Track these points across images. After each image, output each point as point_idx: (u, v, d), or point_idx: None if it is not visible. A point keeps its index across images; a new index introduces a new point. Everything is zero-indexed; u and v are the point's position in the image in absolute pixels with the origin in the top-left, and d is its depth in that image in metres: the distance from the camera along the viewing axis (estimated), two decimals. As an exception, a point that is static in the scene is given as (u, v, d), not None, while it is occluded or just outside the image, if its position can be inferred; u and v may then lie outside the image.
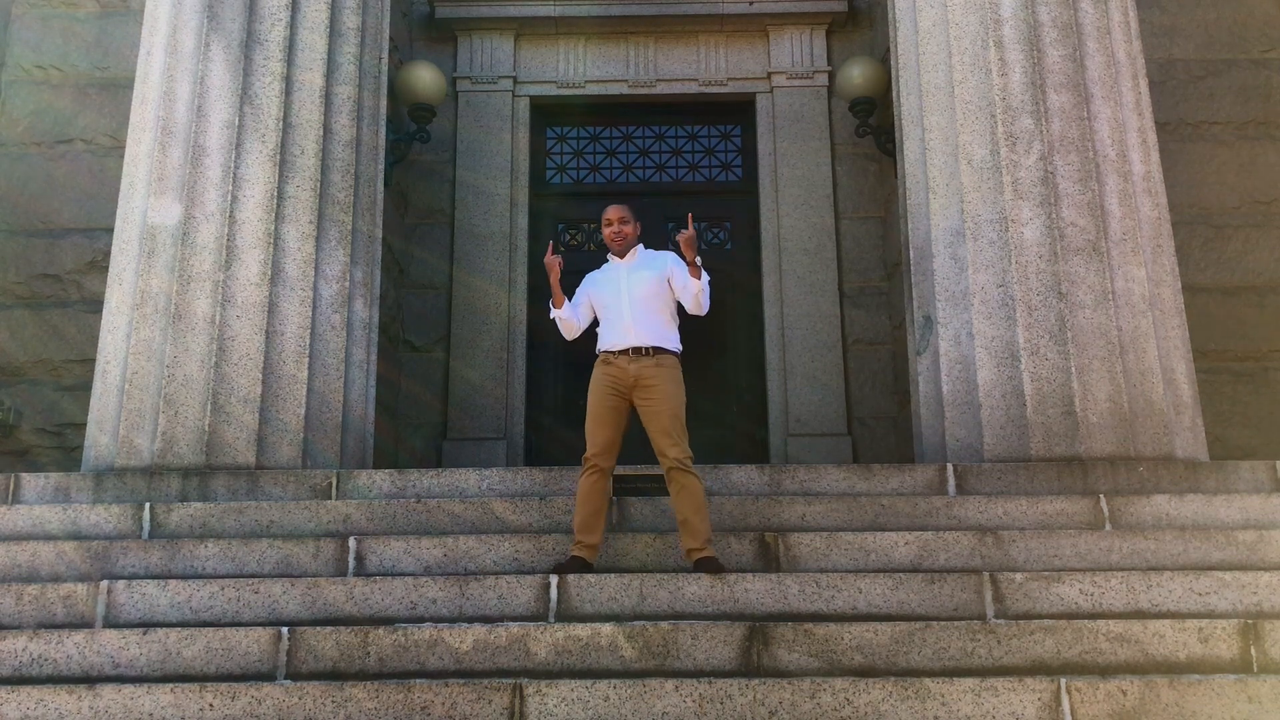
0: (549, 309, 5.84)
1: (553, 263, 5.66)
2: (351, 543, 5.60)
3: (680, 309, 5.74)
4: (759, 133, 10.79)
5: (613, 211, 5.77)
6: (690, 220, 5.77)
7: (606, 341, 5.59)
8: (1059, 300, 6.60)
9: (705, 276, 5.56)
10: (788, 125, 10.71)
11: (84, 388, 9.29)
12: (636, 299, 5.56)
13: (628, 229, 5.72)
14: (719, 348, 10.43)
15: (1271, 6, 10.20)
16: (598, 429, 5.43)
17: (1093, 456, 6.36)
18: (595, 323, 5.84)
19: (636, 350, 5.48)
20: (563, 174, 11.04)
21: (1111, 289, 6.63)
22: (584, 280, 5.88)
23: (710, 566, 5.18)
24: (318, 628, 4.80)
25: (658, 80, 10.91)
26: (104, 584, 5.21)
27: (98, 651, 4.77)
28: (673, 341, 5.60)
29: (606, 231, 5.73)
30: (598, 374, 5.54)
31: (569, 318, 5.73)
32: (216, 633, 4.78)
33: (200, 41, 7.20)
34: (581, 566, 5.29)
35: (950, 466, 6.31)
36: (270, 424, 6.69)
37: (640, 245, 5.81)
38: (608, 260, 5.84)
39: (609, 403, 5.45)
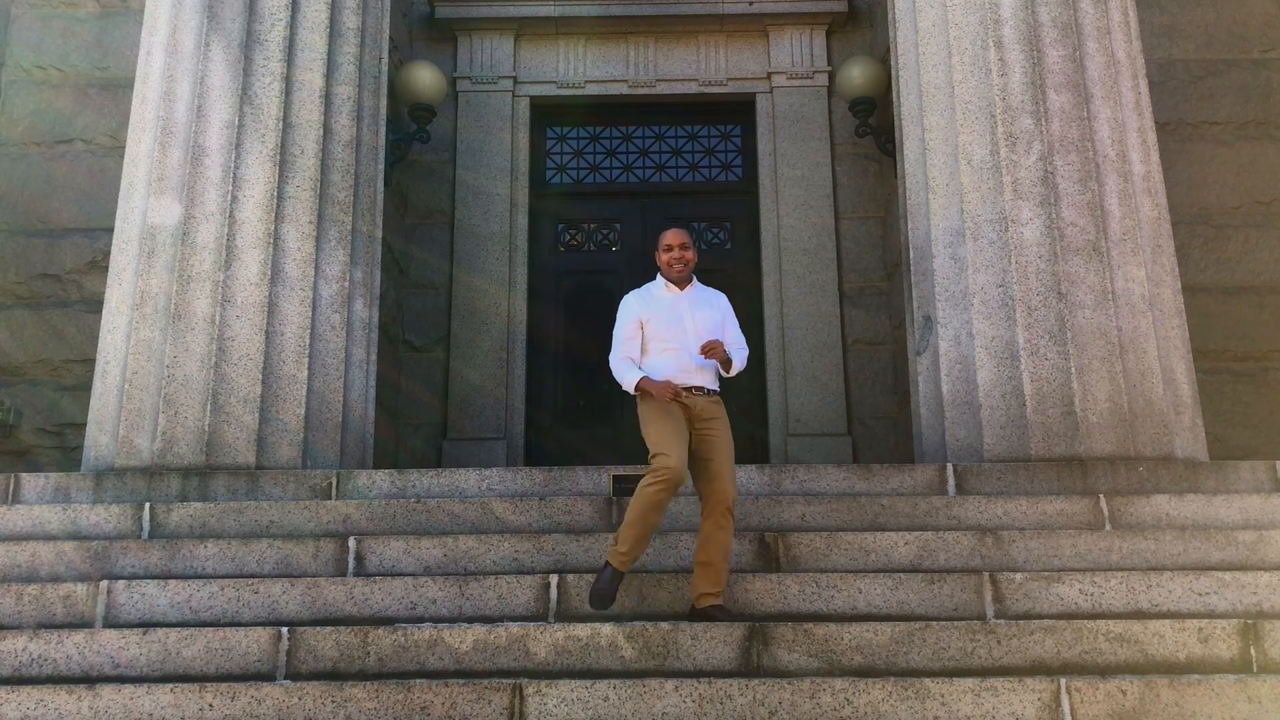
0: (618, 375, 5.30)
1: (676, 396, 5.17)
2: (351, 543, 5.60)
3: None
4: (759, 133, 10.79)
5: (673, 236, 5.35)
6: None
7: (665, 377, 5.16)
8: (1059, 300, 6.60)
9: (737, 361, 5.30)
10: (788, 125, 10.71)
11: (84, 388, 9.29)
12: (704, 338, 5.19)
13: (689, 254, 5.33)
14: (719, 348, 10.41)
15: (1271, 6, 10.20)
16: (674, 443, 4.97)
17: (1093, 456, 6.36)
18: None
19: (699, 389, 5.19)
20: (563, 174, 11.04)
21: (1111, 289, 6.63)
22: (629, 307, 5.36)
23: (723, 615, 4.91)
24: (318, 628, 4.80)
25: (658, 80, 10.91)
26: (104, 584, 5.21)
27: (98, 651, 4.77)
28: (720, 385, 5.35)
29: (665, 257, 5.32)
30: (654, 401, 5.12)
31: (638, 371, 5.25)
32: (216, 633, 4.78)
33: (200, 41, 7.20)
34: (615, 582, 4.97)
35: (950, 466, 6.31)
36: (270, 424, 6.69)
37: (694, 276, 5.45)
38: (655, 284, 5.42)
39: (680, 421, 5.07)
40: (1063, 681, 4.33)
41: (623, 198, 10.86)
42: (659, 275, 5.45)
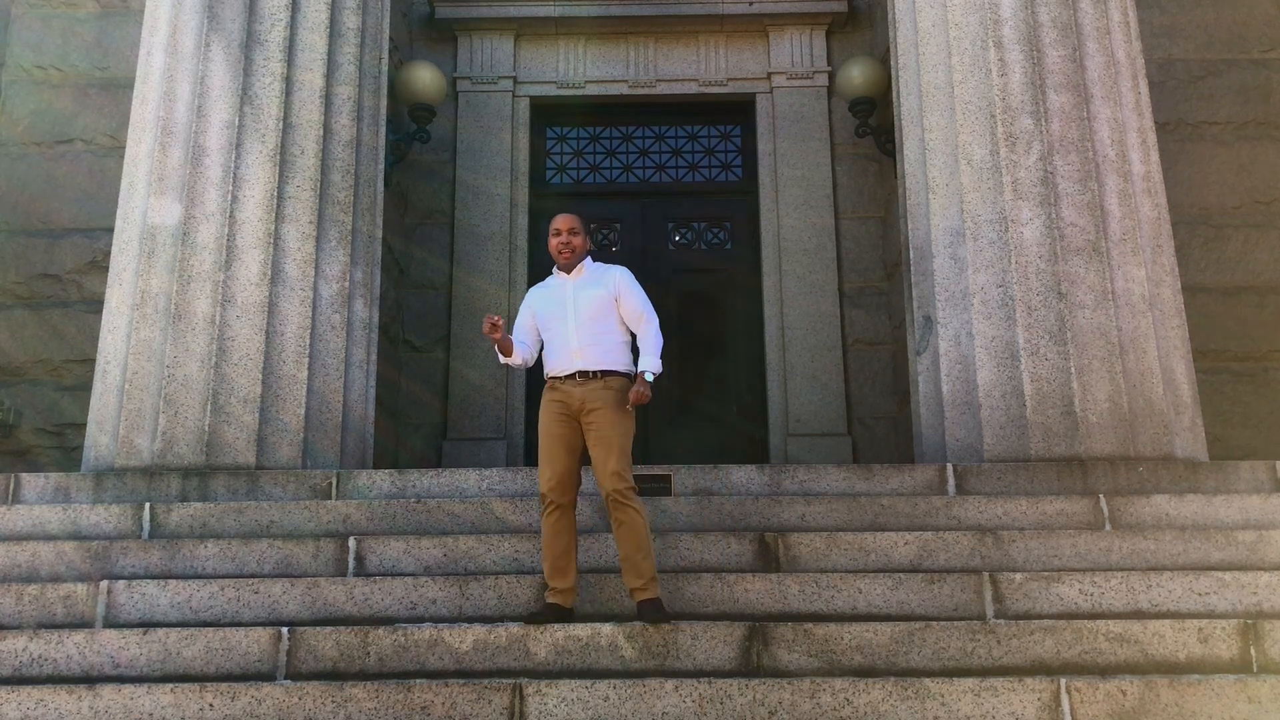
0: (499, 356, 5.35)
1: (493, 331, 5.10)
2: (351, 543, 5.60)
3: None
4: (759, 133, 10.79)
5: (562, 220, 5.29)
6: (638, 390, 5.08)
7: (552, 365, 5.16)
8: (1059, 300, 6.60)
9: (646, 352, 5.12)
10: (788, 125, 10.71)
11: (84, 388, 9.29)
12: (584, 320, 5.12)
13: (577, 240, 5.25)
14: (719, 347, 10.43)
15: (1271, 6, 10.20)
16: (549, 462, 4.99)
17: (1093, 456, 6.36)
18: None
19: (584, 374, 5.05)
20: (563, 174, 11.04)
21: (1111, 289, 6.63)
22: (524, 301, 5.42)
23: (653, 611, 4.77)
24: (318, 628, 4.80)
25: (658, 80, 10.91)
26: (104, 584, 5.21)
27: (98, 651, 4.77)
28: (624, 363, 5.15)
29: (554, 242, 5.26)
30: (545, 401, 5.11)
31: (519, 361, 5.30)
32: (216, 633, 4.78)
33: (200, 41, 7.20)
34: (558, 614, 4.88)
35: (950, 466, 6.31)
36: (270, 424, 6.69)
37: (588, 259, 5.35)
38: (552, 275, 5.39)
39: (559, 431, 5.02)
40: (1063, 681, 4.33)
41: (623, 198, 10.87)
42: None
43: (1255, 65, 10.03)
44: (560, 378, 5.12)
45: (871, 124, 10.02)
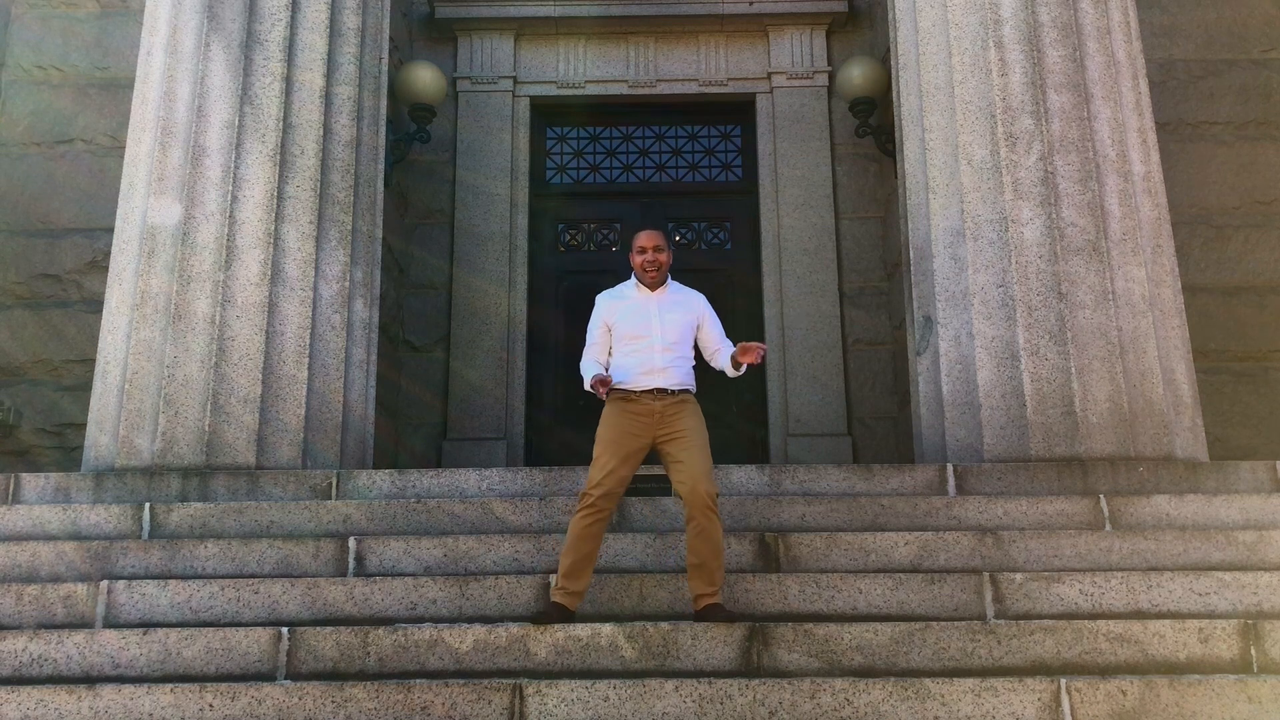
0: (583, 375, 5.28)
1: (603, 388, 5.12)
2: (351, 543, 5.60)
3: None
4: (759, 133, 10.79)
5: (647, 238, 5.27)
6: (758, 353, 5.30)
7: (630, 378, 5.13)
8: (1059, 300, 6.60)
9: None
10: (788, 125, 10.71)
11: (84, 388, 9.29)
12: (671, 341, 5.17)
13: (663, 257, 5.25)
14: (719, 348, 10.42)
15: (1271, 6, 10.20)
16: (610, 468, 4.96)
17: (1093, 457, 6.36)
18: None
19: (663, 391, 5.10)
20: (563, 174, 11.04)
21: (1111, 289, 6.63)
22: (600, 307, 5.37)
23: (720, 614, 4.82)
24: (318, 628, 4.80)
25: (658, 80, 10.90)
26: (104, 584, 5.21)
27: (98, 651, 4.77)
28: (694, 384, 5.27)
29: (640, 260, 5.25)
30: (617, 410, 5.09)
31: (603, 374, 5.19)
32: (216, 633, 4.78)
33: (200, 41, 7.20)
34: (562, 615, 4.85)
35: (950, 466, 6.31)
36: (270, 424, 6.69)
37: (669, 277, 5.37)
38: (628, 284, 5.38)
39: (632, 444, 5.02)
40: (1063, 681, 4.33)
41: (623, 198, 10.86)
42: (633, 274, 5.41)
43: (1255, 65, 10.03)
44: (635, 391, 5.12)
45: (871, 124, 10.02)
